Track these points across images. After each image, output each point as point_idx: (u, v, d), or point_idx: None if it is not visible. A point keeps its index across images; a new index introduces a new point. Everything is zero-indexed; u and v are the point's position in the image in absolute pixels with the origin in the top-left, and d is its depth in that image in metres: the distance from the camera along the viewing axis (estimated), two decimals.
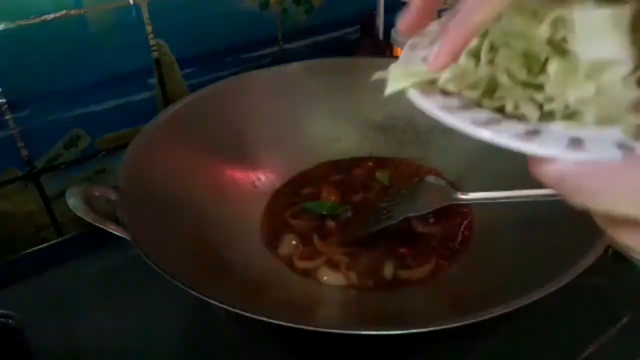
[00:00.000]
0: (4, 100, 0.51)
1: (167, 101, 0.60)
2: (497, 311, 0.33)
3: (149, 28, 0.55)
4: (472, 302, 0.41)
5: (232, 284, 0.43)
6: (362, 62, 0.61)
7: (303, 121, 0.59)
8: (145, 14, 0.55)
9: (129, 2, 0.53)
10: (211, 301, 0.34)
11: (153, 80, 0.58)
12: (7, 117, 0.52)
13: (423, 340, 0.44)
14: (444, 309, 0.43)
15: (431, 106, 0.23)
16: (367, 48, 0.66)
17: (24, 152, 0.54)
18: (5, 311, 0.47)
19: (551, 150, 0.20)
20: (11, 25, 0.48)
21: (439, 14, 0.61)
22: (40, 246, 0.59)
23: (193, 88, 0.61)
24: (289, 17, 0.64)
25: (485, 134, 0.21)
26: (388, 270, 0.46)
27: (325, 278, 0.46)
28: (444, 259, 0.47)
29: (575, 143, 0.20)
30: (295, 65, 0.60)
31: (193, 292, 0.34)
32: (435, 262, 0.47)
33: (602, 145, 0.20)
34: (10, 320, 0.47)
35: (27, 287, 0.52)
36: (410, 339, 0.44)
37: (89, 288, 0.52)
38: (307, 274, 0.47)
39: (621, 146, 0.20)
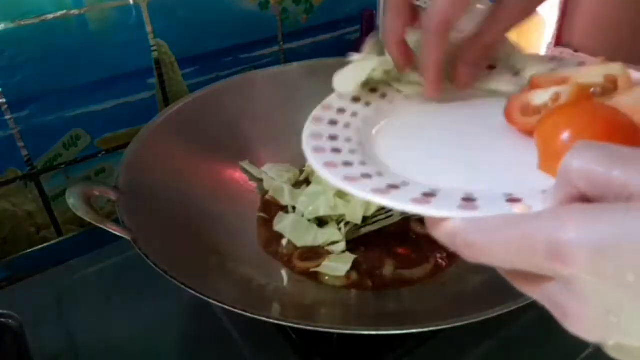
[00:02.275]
0: (4, 100, 0.51)
1: (167, 101, 0.60)
2: (497, 311, 0.33)
3: (149, 28, 0.55)
4: (471, 302, 0.41)
5: (232, 284, 0.43)
6: None
7: (303, 121, 0.59)
8: (145, 14, 0.55)
9: (129, 2, 0.53)
10: (211, 301, 0.34)
11: (153, 80, 0.58)
12: (7, 117, 0.52)
13: (423, 340, 0.44)
14: (443, 309, 0.43)
15: (335, 177, 0.26)
16: None
17: (24, 152, 0.54)
18: (5, 311, 0.47)
19: (444, 211, 0.22)
20: (11, 25, 0.48)
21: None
22: (40, 246, 0.59)
23: (193, 88, 0.61)
24: (289, 17, 0.64)
25: (386, 201, 0.24)
26: (388, 270, 0.46)
27: (325, 278, 0.46)
28: (443, 259, 0.47)
29: (468, 201, 0.22)
30: (295, 65, 0.60)
31: (193, 292, 0.34)
32: (435, 262, 0.47)
33: (492, 200, 0.22)
34: (10, 320, 0.47)
35: (27, 287, 0.52)
36: (410, 339, 0.44)
37: (89, 288, 0.52)
38: (307, 274, 0.47)
39: (511, 199, 0.22)
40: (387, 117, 0.35)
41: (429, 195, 0.24)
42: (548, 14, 0.82)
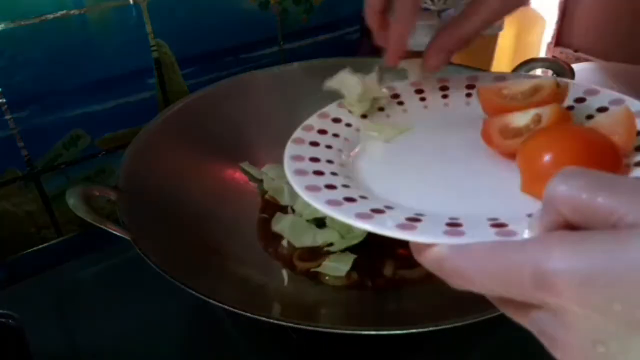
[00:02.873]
0: (4, 100, 0.51)
1: (167, 101, 0.60)
2: (497, 311, 0.33)
3: (149, 28, 0.55)
4: (472, 302, 0.41)
5: (232, 284, 0.43)
6: (362, 62, 0.61)
7: (303, 121, 0.59)
8: (145, 14, 0.55)
9: (129, 2, 0.53)
10: (211, 301, 0.34)
11: (153, 80, 0.58)
12: (7, 117, 0.52)
13: (423, 340, 0.44)
14: (444, 309, 0.43)
15: (317, 201, 0.26)
16: (367, 48, 0.66)
17: (24, 152, 0.54)
18: (5, 311, 0.47)
19: (429, 237, 0.22)
20: (11, 25, 0.48)
21: (439, 14, 0.61)
22: (40, 246, 0.59)
23: (193, 88, 0.61)
24: (289, 17, 0.64)
25: (370, 226, 0.24)
26: (388, 270, 0.46)
27: (326, 278, 0.46)
28: None
29: (453, 227, 0.22)
30: (295, 65, 0.60)
31: (193, 292, 0.34)
32: None
33: (478, 226, 0.22)
34: (10, 320, 0.47)
35: (27, 287, 0.52)
36: (410, 339, 0.44)
37: (89, 288, 0.52)
38: (308, 274, 0.47)
39: (496, 224, 0.22)
40: (369, 138, 0.35)
41: (413, 220, 0.24)
42: (548, 14, 0.82)
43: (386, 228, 0.23)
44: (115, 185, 0.44)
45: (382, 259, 0.47)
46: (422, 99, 0.39)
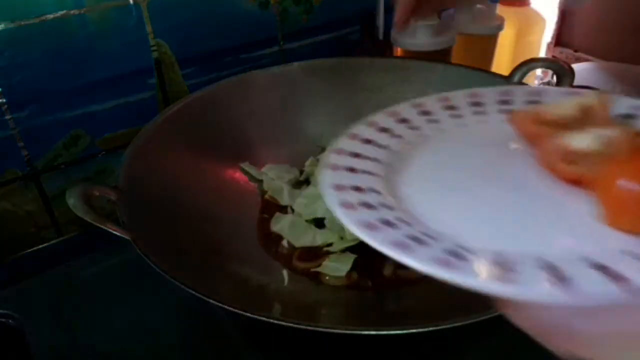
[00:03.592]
0: (4, 100, 0.51)
1: (167, 101, 0.60)
2: (497, 311, 0.33)
3: (149, 28, 0.55)
4: (472, 302, 0.41)
5: (233, 284, 0.43)
6: (362, 62, 0.61)
7: (303, 121, 0.59)
8: (145, 14, 0.55)
9: (129, 2, 0.53)
10: (211, 301, 0.34)
11: (153, 80, 0.58)
12: (7, 117, 0.52)
13: (423, 340, 0.44)
14: (444, 309, 0.43)
15: (352, 223, 0.24)
16: (367, 48, 0.66)
17: (24, 152, 0.54)
18: (5, 311, 0.47)
19: (534, 293, 0.17)
20: (11, 25, 0.48)
21: (439, 13, 0.61)
22: (40, 246, 0.59)
23: (193, 88, 0.61)
24: (289, 17, 0.64)
25: (450, 275, 0.20)
26: (388, 270, 0.46)
27: (326, 278, 0.46)
28: None
29: (555, 275, 0.18)
30: (295, 65, 0.60)
31: (193, 293, 0.34)
32: None
33: (580, 271, 0.18)
34: (10, 320, 0.47)
35: (27, 287, 0.52)
36: (410, 339, 0.44)
37: (89, 288, 0.52)
38: (308, 274, 0.47)
39: (595, 265, 0.18)
40: (409, 160, 0.30)
41: (501, 265, 0.19)
42: (548, 14, 0.82)
43: (475, 279, 0.19)
44: (115, 185, 0.44)
45: (382, 259, 0.47)
46: (455, 116, 0.35)
